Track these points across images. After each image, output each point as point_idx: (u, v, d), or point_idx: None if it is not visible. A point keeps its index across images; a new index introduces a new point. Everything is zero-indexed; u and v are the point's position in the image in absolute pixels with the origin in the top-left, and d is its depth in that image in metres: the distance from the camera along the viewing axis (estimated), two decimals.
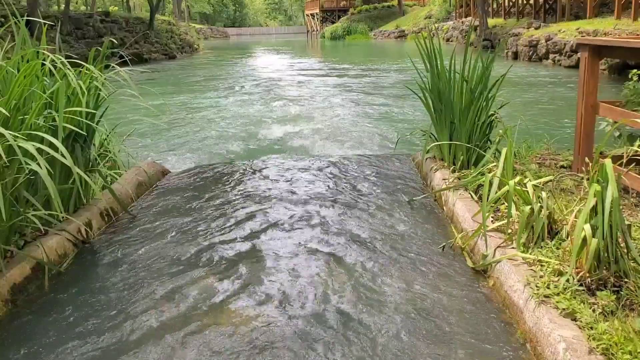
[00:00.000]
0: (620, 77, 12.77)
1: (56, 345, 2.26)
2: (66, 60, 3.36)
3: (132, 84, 3.60)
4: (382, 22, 48.45)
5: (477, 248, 2.92)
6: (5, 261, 2.74)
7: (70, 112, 3.31)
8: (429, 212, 3.67)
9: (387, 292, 2.59)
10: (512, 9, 26.49)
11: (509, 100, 4.74)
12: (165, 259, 3.04)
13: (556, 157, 4.34)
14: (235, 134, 8.02)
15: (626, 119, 3.35)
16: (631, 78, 3.92)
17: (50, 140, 2.77)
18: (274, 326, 2.33)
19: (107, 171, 4.07)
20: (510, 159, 3.18)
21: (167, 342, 2.24)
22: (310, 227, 3.43)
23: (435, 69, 4.22)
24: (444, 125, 4.24)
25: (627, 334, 1.92)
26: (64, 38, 21.45)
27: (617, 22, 16.04)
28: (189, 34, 35.80)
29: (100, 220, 3.57)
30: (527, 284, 2.33)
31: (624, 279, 2.24)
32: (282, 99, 11.60)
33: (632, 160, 3.38)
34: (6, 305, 2.56)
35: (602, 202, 2.25)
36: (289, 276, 2.78)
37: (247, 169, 4.96)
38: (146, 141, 7.34)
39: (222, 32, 70.90)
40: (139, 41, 26.84)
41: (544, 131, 6.01)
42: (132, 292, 2.67)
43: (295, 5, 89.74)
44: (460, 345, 2.16)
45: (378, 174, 4.63)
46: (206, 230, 3.45)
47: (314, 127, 8.21)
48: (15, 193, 2.83)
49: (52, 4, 32.13)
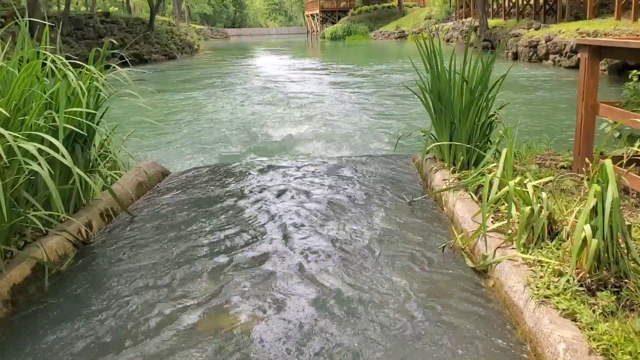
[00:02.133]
0: (620, 77, 12.77)
1: (56, 345, 2.26)
2: (66, 60, 3.36)
3: (132, 84, 3.61)
4: (382, 23, 48.47)
5: (477, 248, 2.92)
6: (5, 262, 2.74)
7: (71, 113, 3.31)
8: (429, 213, 3.67)
9: (387, 292, 2.58)
10: (512, 10, 26.50)
11: (509, 100, 4.74)
12: (165, 259, 3.04)
13: (556, 158, 4.34)
14: (235, 134, 8.02)
15: (626, 120, 3.35)
16: (631, 79, 3.92)
17: (51, 140, 2.78)
18: (268, 330, 2.33)
19: (107, 172, 4.07)
20: (510, 160, 3.18)
21: (167, 342, 2.24)
22: (310, 228, 3.43)
23: (435, 69, 4.22)
24: (444, 125, 4.24)
25: (627, 335, 1.92)
26: (64, 39, 21.46)
27: (617, 22, 16.04)
28: (189, 34, 35.83)
29: (100, 221, 3.57)
30: (527, 285, 2.33)
31: (624, 279, 2.24)
32: (282, 99, 11.61)
33: (632, 161, 3.37)
34: (6, 305, 2.56)
35: (602, 203, 2.25)
36: (288, 277, 2.78)
37: (247, 170, 4.96)
38: (146, 141, 7.34)
39: (222, 33, 70.96)
40: (139, 42, 26.86)
41: (544, 132, 6.02)
42: (132, 293, 2.67)
43: (295, 6, 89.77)
44: (461, 346, 2.16)
45: (378, 175, 4.63)
46: (206, 230, 3.44)
47: (314, 127, 8.22)
48: (15, 193, 2.83)
49: (52, 5, 32.13)
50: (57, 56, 3.31)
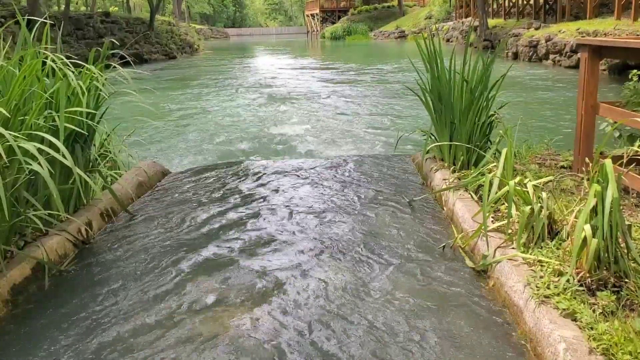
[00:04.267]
0: (620, 77, 12.78)
1: (56, 346, 2.26)
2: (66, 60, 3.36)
3: (132, 84, 3.61)
4: (382, 23, 48.47)
5: (477, 248, 2.92)
6: (5, 261, 2.74)
7: (71, 112, 3.31)
8: (429, 213, 3.67)
9: (387, 292, 2.58)
10: (512, 10, 26.50)
11: (509, 100, 4.74)
12: (165, 259, 3.04)
13: (556, 158, 4.34)
14: (235, 134, 8.03)
15: (626, 119, 3.35)
16: (631, 78, 3.92)
17: (51, 140, 2.78)
18: (267, 330, 2.33)
19: (108, 171, 4.07)
20: (511, 159, 3.18)
21: (167, 342, 2.24)
22: (311, 229, 3.43)
23: (435, 69, 4.22)
24: (444, 125, 4.24)
25: (627, 335, 1.92)
26: (64, 38, 21.46)
27: (617, 22, 16.04)
28: (189, 34, 35.83)
29: (100, 221, 3.57)
30: (527, 284, 2.33)
31: (624, 279, 2.24)
32: (282, 98, 11.61)
33: (632, 161, 3.38)
34: (6, 305, 2.56)
35: (602, 203, 2.25)
36: (289, 277, 2.78)
37: (247, 170, 4.96)
38: (146, 141, 7.35)
39: (222, 33, 70.97)
40: (139, 42, 26.86)
41: (544, 131, 6.02)
42: (132, 293, 2.67)
43: (295, 6, 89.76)
44: (461, 346, 2.16)
45: (378, 174, 4.63)
46: (206, 231, 3.45)
47: (314, 127, 8.22)
48: (15, 193, 2.83)
49: (52, 5, 32.13)
50: (57, 55, 3.31)
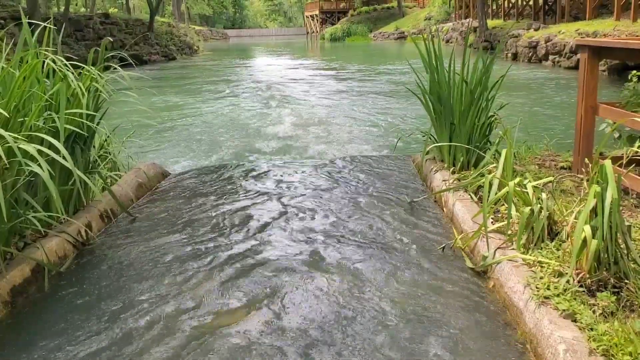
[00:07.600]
0: (620, 78, 12.78)
1: (56, 346, 2.26)
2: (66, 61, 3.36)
3: (131, 85, 3.61)
4: (382, 24, 48.47)
5: (477, 249, 2.92)
6: (5, 263, 2.74)
7: (71, 114, 3.31)
8: (428, 213, 3.67)
9: (387, 292, 2.58)
10: (512, 10, 26.51)
11: (508, 101, 4.74)
12: (165, 260, 3.04)
13: (556, 158, 4.34)
14: (235, 135, 8.02)
15: (626, 120, 3.35)
16: (631, 79, 3.93)
17: (51, 141, 2.77)
18: (268, 330, 2.33)
19: (107, 173, 4.07)
20: (510, 160, 3.18)
21: (167, 344, 2.24)
22: (311, 229, 3.43)
23: (434, 70, 4.22)
24: (444, 126, 4.24)
25: (627, 335, 1.92)
26: (64, 40, 21.45)
27: (616, 23, 16.04)
28: (188, 35, 35.84)
29: (100, 222, 3.57)
30: (527, 285, 2.33)
31: (624, 280, 2.24)
32: (282, 99, 11.61)
33: (632, 161, 3.38)
34: (6, 306, 2.56)
35: (602, 203, 2.25)
36: (290, 277, 2.78)
37: (247, 171, 4.96)
38: (145, 142, 7.34)
39: (221, 34, 70.99)
40: (139, 43, 26.86)
41: (543, 132, 6.02)
42: (132, 294, 2.67)
43: (295, 7, 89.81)
44: (460, 347, 2.16)
45: (378, 175, 4.63)
46: (206, 232, 3.45)
47: (314, 128, 8.22)
48: (15, 195, 2.83)
49: (51, 6, 32.14)
50: (57, 57, 3.31)
